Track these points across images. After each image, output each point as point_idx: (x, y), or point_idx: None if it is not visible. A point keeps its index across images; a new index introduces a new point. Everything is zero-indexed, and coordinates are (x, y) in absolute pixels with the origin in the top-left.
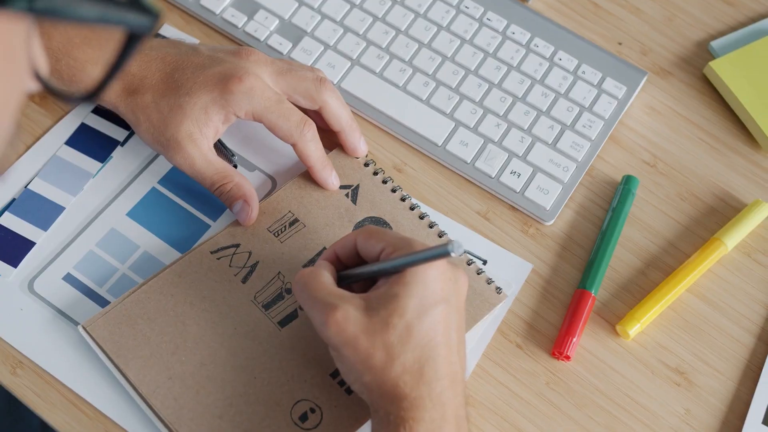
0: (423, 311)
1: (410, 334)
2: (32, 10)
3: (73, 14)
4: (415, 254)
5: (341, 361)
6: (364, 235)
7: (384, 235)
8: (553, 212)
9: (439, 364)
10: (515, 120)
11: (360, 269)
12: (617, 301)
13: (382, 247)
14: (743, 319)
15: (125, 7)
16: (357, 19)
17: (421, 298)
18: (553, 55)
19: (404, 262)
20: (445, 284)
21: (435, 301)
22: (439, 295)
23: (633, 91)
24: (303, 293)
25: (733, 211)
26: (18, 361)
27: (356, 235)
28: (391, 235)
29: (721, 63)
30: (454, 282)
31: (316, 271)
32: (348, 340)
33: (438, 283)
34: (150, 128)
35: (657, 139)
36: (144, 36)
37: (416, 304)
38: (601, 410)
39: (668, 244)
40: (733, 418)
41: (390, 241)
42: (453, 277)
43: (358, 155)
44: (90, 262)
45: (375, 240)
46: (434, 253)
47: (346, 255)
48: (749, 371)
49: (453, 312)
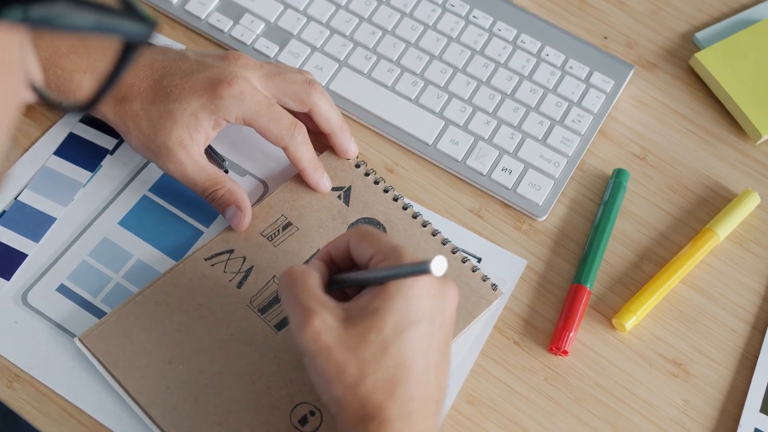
0: (402, 328)
1: (385, 351)
2: (28, 20)
3: (69, 24)
4: (397, 268)
5: (312, 369)
6: (356, 236)
7: (376, 241)
8: (545, 208)
9: (412, 384)
10: (505, 117)
11: (348, 276)
12: (612, 295)
13: (372, 253)
14: (737, 309)
15: (121, 16)
16: (343, 20)
17: (402, 315)
18: (540, 51)
19: (387, 274)
20: (431, 300)
21: (417, 318)
22: (422, 313)
23: (620, 84)
24: (287, 291)
25: (723, 201)
26: (14, 375)
27: (349, 236)
28: (383, 242)
29: (707, 54)
30: (442, 298)
31: (305, 271)
32: (321, 349)
33: (423, 299)
34: (140, 136)
35: (646, 131)
36: (141, 45)
37: (396, 320)
38: (600, 404)
39: (661, 236)
40: (731, 407)
41: (380, 249)
42: (440, 293)
43: (349, 157)
44: (83, 272)
45: (367, 244)
46: (414, 270)
47: (340, 256)
48: (745, 360)
49: (436, 330)
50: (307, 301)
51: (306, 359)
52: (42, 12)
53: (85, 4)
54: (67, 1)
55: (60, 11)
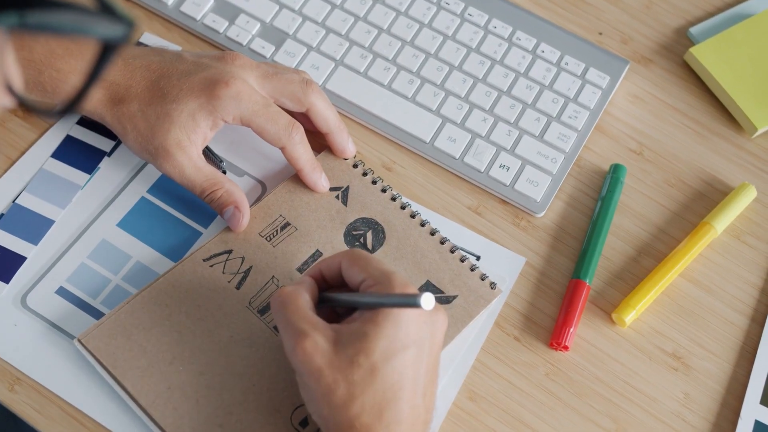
0: (391, 354)
1: (374, 375)
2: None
3: (46, 27)
4: (386, 297)
5: (304, 389)
6: (348, 259)
7: (366, 265)
8: (543, 204)
9: (400, 407)
10: (501, 114)
11: (339, 296)
12: (611, 290)
13: (364, 277)
14: (736, 302)
15: (98, 16)
16: (339, 19)
17: (391, 340)
18: (535, 47)
19: (376, 301)
20: (420, 327)
21: (405, 344)
22: (411, 338)
23: (616, 80)
24: (279, 313)
25: (720, 195)
26: (15, 378)
27: (342, 258)
28: (374, 267)
29: (702, 49)
30: (431, 324)
31: (295, 292)
32: (312, 370)
33: (412, 325)
34: (138, 137)
35: (642, 126)
36: (119, 45)
37: (385, 345)
38: (601, 398)
39: (659, 231)
40: (732, 399)
41: (372, 273)
42: (429, 320)
43: (347, 156)
44: (82, 274)
45: (358, 268)
46: (403, 301)
47: (331, 275)
48: (744, 352)
49: (424, 356)
50: (298, 323)
51: (298, 378)
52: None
53: (62, 6)
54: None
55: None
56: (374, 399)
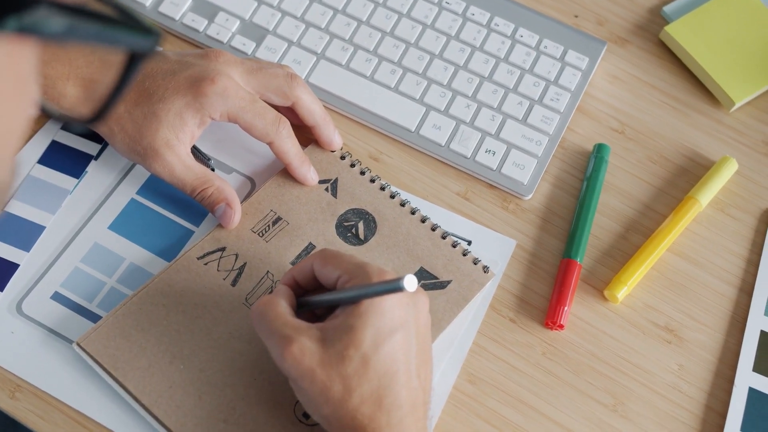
0: (380, 341)
1: (367, 365)
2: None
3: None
4: (368, 287)
5: (300, 393)
6: (320, 260)
7: (340, 262)
8: (530, 186)
9: (398, 391)
10: (484, 99)
11: (317, 298)
12: (602, 267)
13: (339, 274)
14: (724, 273)
15: (124, 27)
16: (317, 13)
17: (378, 328)
18: (514, 32)
19: (358, 294)
20: (403, 310)
21: (392, 328)
22: (397, 323)
23: (595, 61)
24: (260, 324)
25: (702, 169)
26: (16, 385)
27: (312, 260)
28: (347, 262)
29: (676, 27)
30: (413, 306)
31: (272, 301)
32: (304, 373)
33: (395, 310)
34: (125, 139)
35: (622, 106)
36: (145, 56)
37: (372, 334)
38: (598, 374)
39: (645, 207)
40: (725, 368)
41: (346, 268)
42: (411, 302)
43: (334, 149)
44: (77, 278)
45: (332, 266)
46: (387, 288)
47: (305, 280)
48: (735, 322)
49: (412, 337)
50: (281, 329)
51: (293, 384)
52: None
53: (90, 16)
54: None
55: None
56: (371, 388)
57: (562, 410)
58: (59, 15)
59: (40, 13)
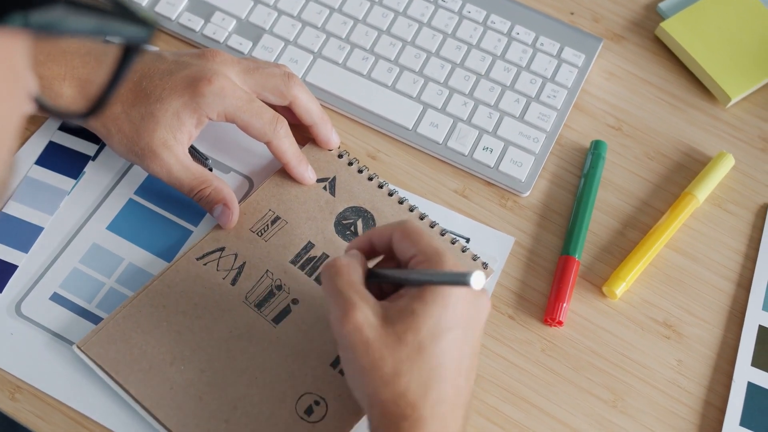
0: (438, 333)
1: (421, 353)
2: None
3: (70, 28)
4: (437, 275)
5: (349, 363)
6: (400, 232)
7: (419, 240)
8: (528, 183)
9: (445, 388)
10: (481, 97)
11: (387, 272)
12: (600, 264)
13: (414, 253)
14: (721, 268)
15: (120, 18)
16: (314, 12)
17: (438, 320)
18: (510, 30)
19: (427, 279)
20: (466, 309)
21: (452, 325)
22: (458, 320)
23: (591, 58)
24: (330, 281)
25: (699, 165)
26: (15, 386)
27: (393, 230)
28: (426, 244)
29: (672, 23)
30: (475, 307)
31: (350, 264)
32: (361, 342)
33: (458, 307)
34: (123, 139)
35: (619, 102)
36: (141, 47)
37: (432, 324)
38: (598, 370)
39: (642, 203)
40: (723, 363)
41: (423, 249)
42: (474, 302)
43: (331, 147)
44: (76, 279)
45: (409, 242)
46: (452, 279)
47: (381, 245)
48: (733, 317)
49: (468, 338)
50: (350, 294)
51: (342, 352)
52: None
53: (85, 8)
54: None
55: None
56: (420, 377)
57: (562, 407)
58: (53, 8)
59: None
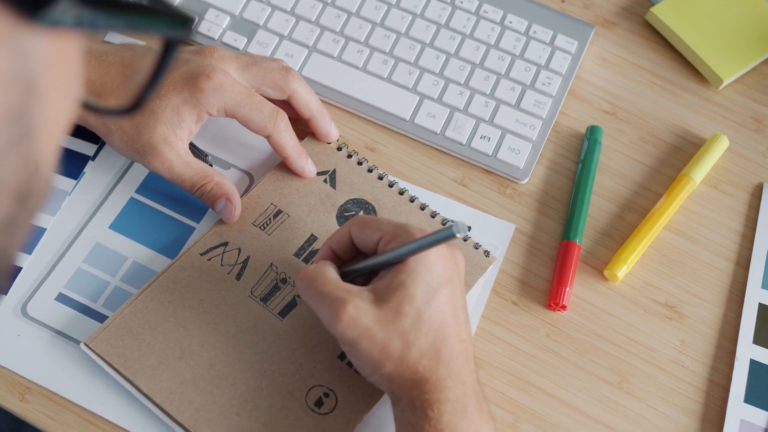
0: (430, 295)
1: (421, 319)
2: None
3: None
4: (418, 241)
5: (356, 355)
6: (357, 225)
7: (378, 224)
8: (526, 170)
9: (452, 343)
10: (477, 86)
11: (363, 263)
12: (600, 248)
13: (379, 236)
14: (720, 248)
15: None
16: (307, 6)
17: (428, 283)
18: (503, 19)
19: (409, 250)
20: (447, 265)
21: (440, 283)
22: (443, 278)
23: (584, 44)
24: (309, 289)
25: (694, 147)
26: (25, 387)
27: (349, 227)
28: (387, 223)
29: (662, 8)
30: (454, 262)
31: (320, 267)
32: (362, 332)
33: (440, 265)
34: (123, 137)
35: (612, 87)
36: (180, 42)
37: (423, 289)
38: (602, 353)
39: (639, 187)
40: (726, 342)
41: (386, 230)
42: (451, 257)
43: (330, 140)
44: (80, 279)
45: (370, 229)
46: (439, 237)
47: (343, 249)
48: (733, 296)
49: (457, 291)
50: (333, 293)
51: (347, 348)
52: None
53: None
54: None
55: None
56: (428, 342)
57: (569, 390)
58: (96, 4)
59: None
